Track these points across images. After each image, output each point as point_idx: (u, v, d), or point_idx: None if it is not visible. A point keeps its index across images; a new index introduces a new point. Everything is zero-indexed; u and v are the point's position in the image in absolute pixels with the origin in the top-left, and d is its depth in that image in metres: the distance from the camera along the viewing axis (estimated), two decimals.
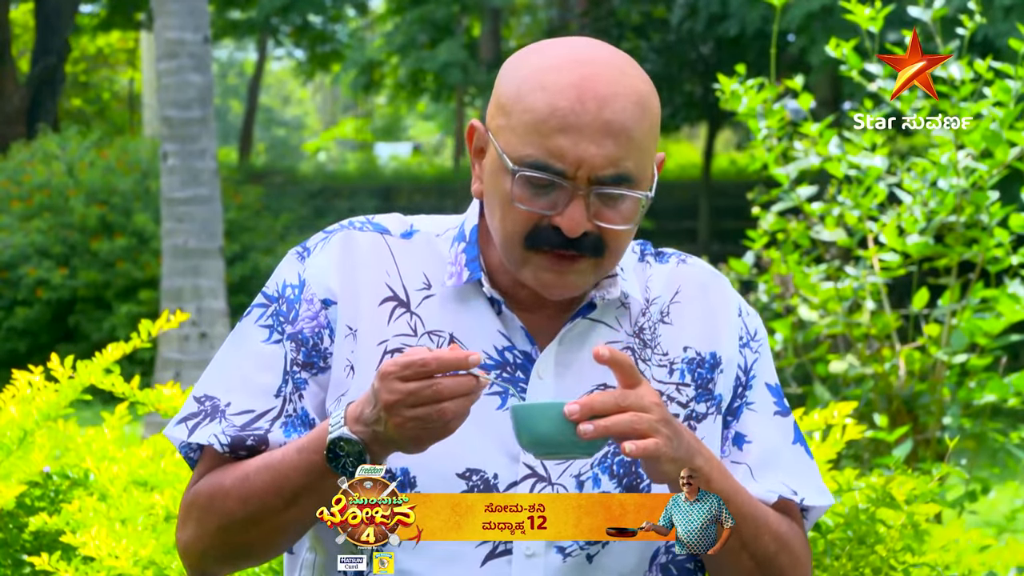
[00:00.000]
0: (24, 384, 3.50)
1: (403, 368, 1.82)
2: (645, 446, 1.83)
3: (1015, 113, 4.56)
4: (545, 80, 1.95)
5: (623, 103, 1.94)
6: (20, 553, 3.40)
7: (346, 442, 1.87)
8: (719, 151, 27.16)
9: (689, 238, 20.81)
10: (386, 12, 24.20)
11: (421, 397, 1.82)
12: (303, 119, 43.79)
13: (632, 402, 1.85)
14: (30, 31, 24.00)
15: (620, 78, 1.96)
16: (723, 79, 5.01)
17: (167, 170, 10.16)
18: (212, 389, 2.05)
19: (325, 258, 2.05)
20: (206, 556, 2.01)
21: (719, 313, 2.09)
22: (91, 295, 14.95)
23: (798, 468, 2.08)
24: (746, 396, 2.09)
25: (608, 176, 1.93)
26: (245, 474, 1.97)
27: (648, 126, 1.96)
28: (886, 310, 5.09)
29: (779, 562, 2.00)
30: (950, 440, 3.92)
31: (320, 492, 1.89)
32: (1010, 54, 4.67)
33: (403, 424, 1.83)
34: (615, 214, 1.95)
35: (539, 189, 1.94)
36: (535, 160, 1.93)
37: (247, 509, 1.96)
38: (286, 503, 1.93)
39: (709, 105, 20.05)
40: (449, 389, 1.82)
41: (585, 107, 1.93)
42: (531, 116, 1.94)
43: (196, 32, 10.08)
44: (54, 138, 16.44)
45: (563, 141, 1.92)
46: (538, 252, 1.96)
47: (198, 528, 2.01)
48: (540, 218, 1.94)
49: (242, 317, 2.09)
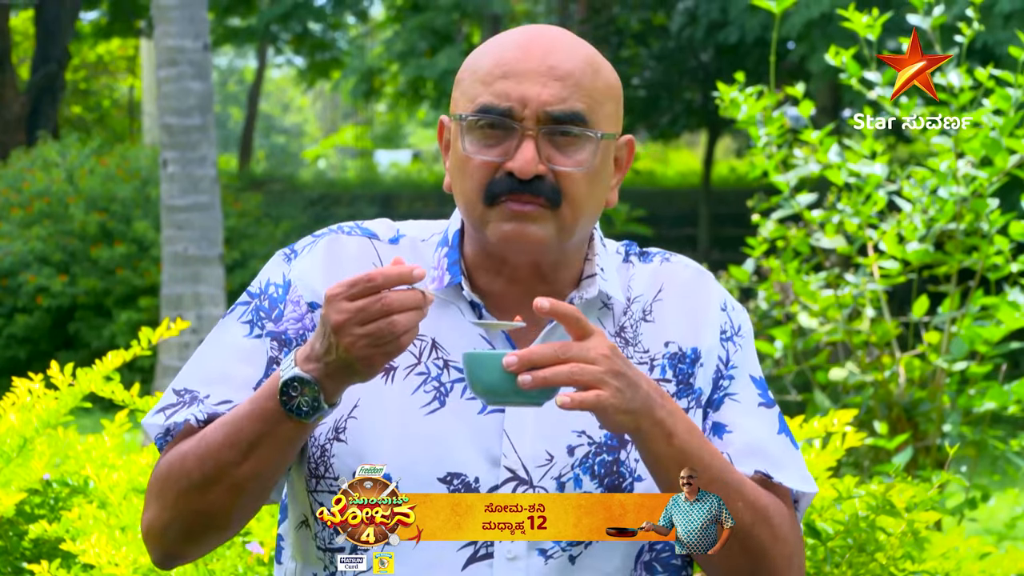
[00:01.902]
0: (24, 391, 3.50)
1: (349, 287, 1.81)
2: (583, 398, 1.82)
3: (1015, 120, 4.56)
4: (493, 44, 2.00)
5: (569, 54, 1.97)
6: (20, 561, 3.40)
7: (299, 381, 1.85)
8: (719, 158, 27.15)
9: (689, 245, 20.81)
10: (386, 20, 24.20)
11: (371, 313, 1.81)
12: (303, 126, 43.79)
13: (575, 353, 1.84)
14: (30, 39, 24.01)
15: (565, 37, 2.00)
16: (723, 87, 5.02)
17: (167, 177, 10.17)
18: (191, 383, 2.03)
19: (312, 261, 2.05)
20: (168, 531, 1.98)
21: (701, 308, 2.09)
22: (91, 302, 14.94)
23: (782, 456, 2.05)
24: (727, 387, 2.07)
25: (556, 113, 1.94)
26: (201, 435, 1.96)
27: (602, 85, 1.98)
28: (886, 318, 5.09)
29: (757, 534, 1.96)
30: (950, 447, 3.92)
31: (275, 439, 1.89)
32: (1010, 62, 4.67)
33: (354, 343, 1.81)
34: (568, 158, 1.95)
35: (490, 137, 1.95)
36: (481, 105, 1.95)
37: (204, 469, 1.93)
38: (243, 455, 1.90)
39: (709, 112, 20.05)
40: (399, 301, 1.81)
41: (530, 54, 1.96)
42: (479, 73, 1.97)
43: (196, 39, 10.09)
44: (54, 145, 16.44)
45: (507, 84, 1.94)
46: (496, 206, 1.96)
47: (159, 502, 1.98)
48: (495, 168, 1.95)
49: (224, 315, 2.09)
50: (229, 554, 3.03)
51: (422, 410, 1.99)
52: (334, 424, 2.00)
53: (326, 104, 43.02)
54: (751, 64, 17.75)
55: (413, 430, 1.97)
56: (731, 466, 1.96)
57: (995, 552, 3.27)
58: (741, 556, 1.96)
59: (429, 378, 2.00)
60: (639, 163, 26.08)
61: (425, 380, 2.00)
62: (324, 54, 23.89)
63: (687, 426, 1.92)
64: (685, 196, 22.83)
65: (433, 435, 1.97)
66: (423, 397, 2.00)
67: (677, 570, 2.04)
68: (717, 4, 17.19)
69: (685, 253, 2.19)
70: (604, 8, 20.64)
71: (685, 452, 1.89)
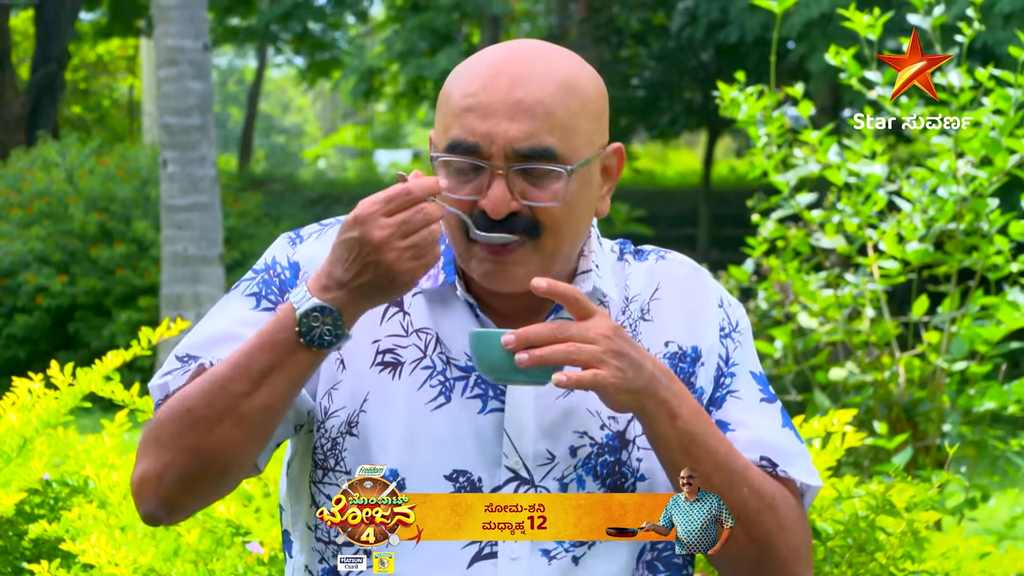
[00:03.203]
0: (24, 391, 3.50)
1: (386, 203, 1.82)
2: (580, 377, 1.83)
3: (1015, 120, 4.56)
4: (464, 71, 1.96)
5: (539, 82, 1.92)
6: (20, 561, 3.40)
7: (319, 311, 1.84)
8: (719, 158, 27.16)
9: (689, 245, 20.81)
10: (386, 19, 24.20)
11: (413, 224, 1.82)
12: (303, 126, 43.80)
13: (573, 333, 1.84)
14: (30, 39, 24.01)
15: (540, 60, 1.95)
16: (723, 86, 5.02)
17: (167, 177, 10.17)
18: (194, 349, 1.99)
19: (322, 247, 2.03)
20: (164, 478, 1.91)
21: (699, 306, 2.08)
22: (91, 302, 14.94)
23: (788, 450, 2.04)
24: (729, 385, 2.07)
25: (524, 150, 1.91)
26: (208, 372, 1.91)
27: (576, 107, 1.94)
28: (886, 317, 5.09)
29: (762, 521, 1.95)
30: (950, 447, 3.92)
31: (289, 369, 1.86)
32: (1010, 62, 4.67)
33: (399, 257, 1.82)
34: (542, 192, 1.93)
35: (463, 175, 1.93)
36: (450, 142, 1.93)
37: (211, 402, 1.88)
38: (254, 384, 1.86)
39: (709, 112, 20.06)
40: (434, 211, 1.83)
41: (496, 85, 1.92)
42: (449, 105, 1.95)
43: (196, 39, 10.09)
44: (54, 145, 16.44)
45: (472, 119, 1.91)
46: (475, 243, 1.94)
47: (155, 449, 1.92)
48: (471, 206, 1.93)
49: (227, 292, 2.06)
50: (229, 554, 3.03)
51: (428, 405, 1.98)
52: (347, 418, 1.99)
53: (326, 104, 43.02)
54: (751, 64, 17.76)
55: (420, 426, 1.96)
56: (737, 452, 1.96)
57: (995, 552, 3.27)
58: (746, 543, 1.95)
59: (435, 372, 2.00)
60: (639, 163, 26.09)
61: (431, 374, 2.00)
62: (324, 54, 23.90)
63: (693, 408, 1.91)
64: (685, 196, 22.84)
65: (439, 432, 1.97)
66: (429, 392, 1.99)
67: (679, 569, 2.03)
68: (717, 4, 17.20)
69: (685, 253, 2.19)
70: (604, 8, 20.64)
71: (690, 434, 1.89)
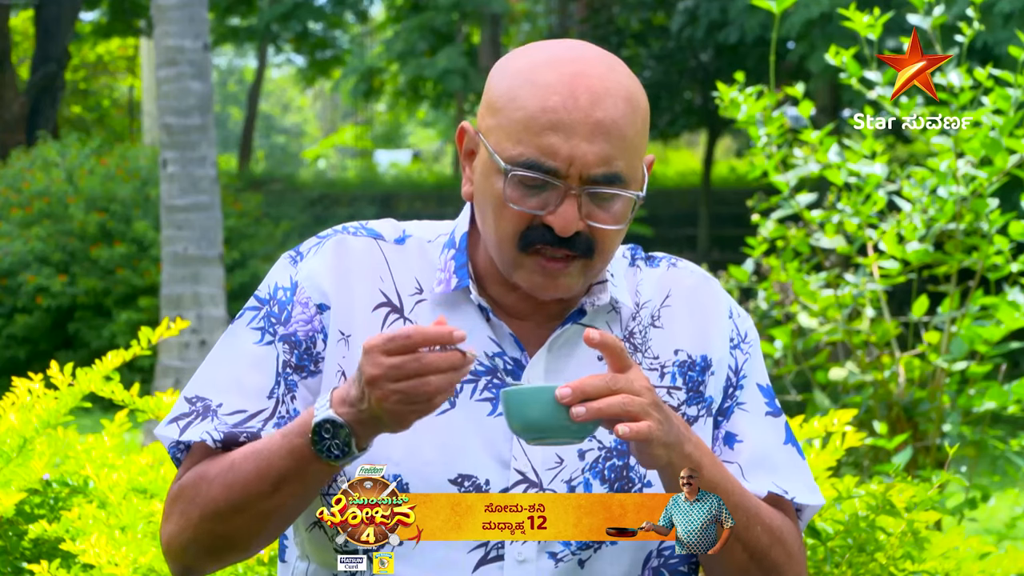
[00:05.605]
0: (24, 391, 3.49)
1: (387, 341, 1.81)
2: (639, 428, 1.83)
3: (1015, 120, 4.56)
4: (535, 77, 1.94)
5: (614, 100, 1.93)
6: (20, 561, 3.40)
7: (331, 424, 1.85)
8: (719, 158, 27.16)
9: (689, 245, 20.81)
10: (386, 19, 24.20)
11: (405, 371, 1.80)
12: (303, 126, 43.79)
13: (623, 385, 1.85)
14: (30, 39, 24.01)
15: (609, 74, 1.95)
16: (722, 86, 5.01)
17: (167, 177, 10.17)
18: (203, 390, 2.03)
19: (320, 262, 2.04)
20: (189, 549, 1.99)
21: (710, 315, 2.09)
22: (91, 302, 14.94)
23: (789, 468, 2.07)
24: (737, 396, 2.09)
25: (600, 175, 1.92)
26: (230, 462, 1.96)
27: (639, 125, 1.96)
28: (886, 317, 5.09)
29: (773, 555, 1.99)
30: (950, 447, 3.92)
31: (305, 478, 1.89)
32: (1010, 62, 4.67)
33: (386, 398, 1.81)
34: (607, 215, 1.95)
35: (531, 188, 1.93)
36: (527, 159, 1.92)
37: (231, 496, 1.94)
38: (271, 488, 1.91)
39: (709, 112, 20.06)
40: (435, 363, 1.81)
41: (577, 104, 1.92)
42: (522, 114, 1.93)
43: (196, 39, 10.09)
44: (54, 145, 16.43)
45: (555, 139, 1.91)
46: (530, 255, 1.95)
47: (182, 519, 1.99)
48: (532, 218, 1.94)
49: (233, 320, 2.08)
50: None
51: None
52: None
53: (326, 104, 43.02)
54: (751, 64, 17.75)
55: (424, 432, 1.96)
56: (747, 492, 1.99)
57: (995, 552, 3.27)
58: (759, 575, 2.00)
59: None
60: None
61: None
62: (324, 53, 23.90)
63: (712, 460, 1.94)
64: (685, 196, 22.83)
65: (444, 437, 1.97)
66: None
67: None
68: (717, 4, 17.20)
69: (685, 253, 2.20)
70: (604, 8, 20.64)
71: (710, 482, 1.91)
